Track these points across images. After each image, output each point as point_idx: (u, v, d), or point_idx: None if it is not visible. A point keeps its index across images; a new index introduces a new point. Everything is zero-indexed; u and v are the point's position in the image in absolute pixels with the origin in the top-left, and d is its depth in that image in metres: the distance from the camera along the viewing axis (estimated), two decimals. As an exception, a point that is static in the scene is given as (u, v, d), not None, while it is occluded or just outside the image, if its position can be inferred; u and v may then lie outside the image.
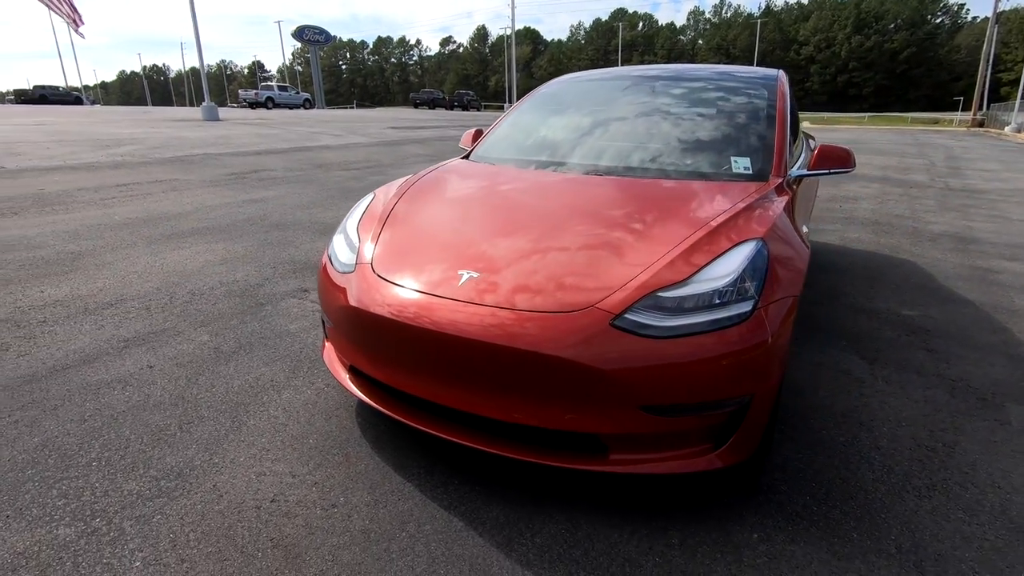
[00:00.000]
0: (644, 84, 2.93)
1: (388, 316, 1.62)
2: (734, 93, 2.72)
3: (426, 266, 1.78)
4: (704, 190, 2.11)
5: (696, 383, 1.47)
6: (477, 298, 1.60)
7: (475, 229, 1.99)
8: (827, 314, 3.29)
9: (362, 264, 1.84)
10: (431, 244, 1.90)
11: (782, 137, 2.38)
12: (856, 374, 2.57)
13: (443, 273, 1.71)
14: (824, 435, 2.10)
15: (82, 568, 1.46)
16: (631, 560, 1.51)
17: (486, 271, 1.70)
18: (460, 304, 1.58)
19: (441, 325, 1.55)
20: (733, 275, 1.55)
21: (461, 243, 1.89)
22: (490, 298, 1.59)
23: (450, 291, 1.63)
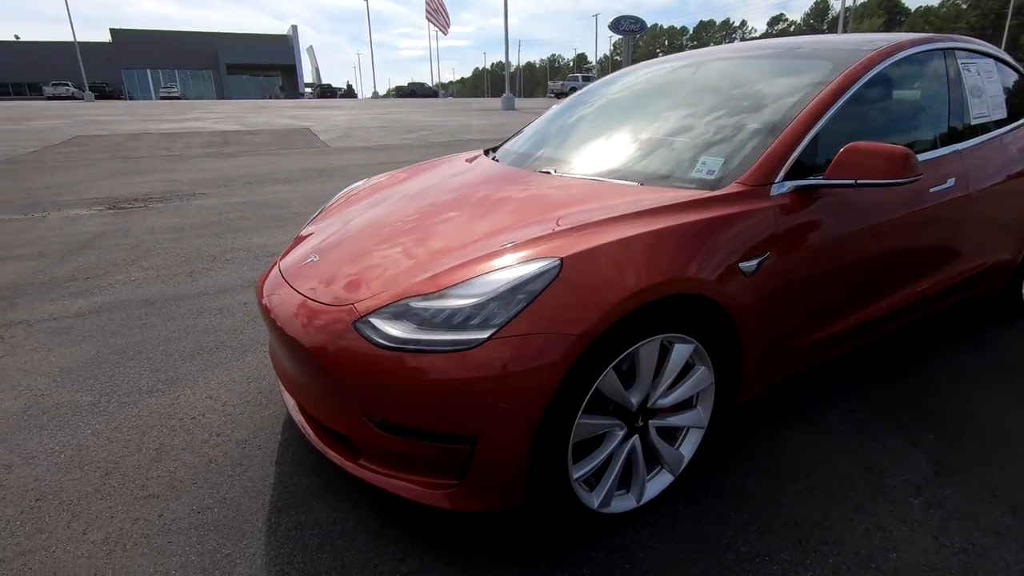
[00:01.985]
0: (686, 70, 2.42)
1: (257, 294, 1.84)
2: (788, 74, 2.07)
3: (300, 250, 1.91)
4: (614, 194, 1.75)
5: (414, 406, 1.32)
6: (296, 282, 1.69)
7: (363, 217, 2.00)
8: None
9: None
10: (326, 230, 2.02)
11: (792, 133, 1.74)
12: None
13: (302, 257, 1.84)
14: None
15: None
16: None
17: (324, 257, 1.75)
18: (285, 286, 1.71)
19: (270, 305, 1.70)
20: (484, 297, 1.31)
21: (340, 229, 1.93)
22: (303, 283, 1.65)
23: (289, 274, 1.75)
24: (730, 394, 1.68)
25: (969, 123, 2.30)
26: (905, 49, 2.12)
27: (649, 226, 1.50)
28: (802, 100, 1.85)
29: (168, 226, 4.99)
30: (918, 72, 2.24)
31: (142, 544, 1.52)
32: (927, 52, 2.23)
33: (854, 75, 1.91)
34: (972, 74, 2.34)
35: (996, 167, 2.37)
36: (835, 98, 1.84)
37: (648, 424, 1.54)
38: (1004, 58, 2.63)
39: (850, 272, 1.89)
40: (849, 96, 1.87)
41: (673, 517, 1.60)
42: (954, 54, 2.30)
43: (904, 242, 2.03)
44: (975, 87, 2.33)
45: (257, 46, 62.92)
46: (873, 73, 1.96)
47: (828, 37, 2.47)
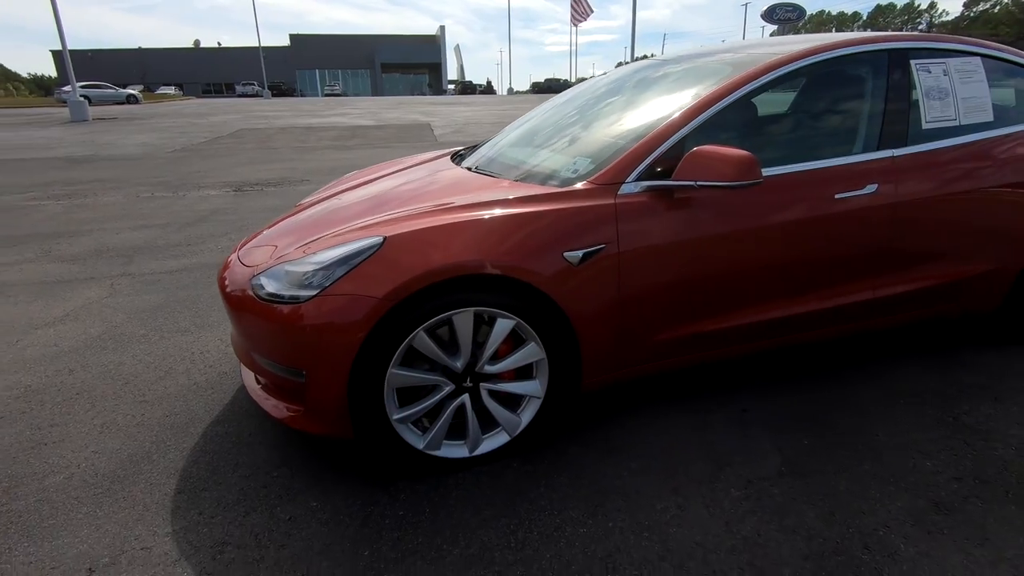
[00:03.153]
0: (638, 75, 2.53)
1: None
2: (694, 83, 2.13)
3: (262, 231, 2.33)
4: (487, 187, 2.02)
5: (273, 344, 1.71)
6: (241, 251, 2.13)
7: (316, 207, 2.33)
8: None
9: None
10: (288, 217, 2.41)
11: (653, 137, 1.85)
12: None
13: (256, 234, 2.29)
14: None
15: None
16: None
17: (268, 235, 2.13)
18: (235, 253, 2.17)
19: (225, 266, 2.14)
20: (322, 264, 1.65)
21: (294, 216, 2.28)
22: (245, 253, 2.12)
23: (243, 246, 2.17)
24: (572, 373, 1.86)
25: (921, 127, 2.16)
26: (822, 53, 2.07)
27: (481, 213, 1.75)
28: (678, 108, 1.95)
29: (268, 207, 5.94)
30: (841, 75, 2.16)
31: (122, 432, 2.11)
32: (860, 54, 2.14)
33: (735, 84, 1.97)
34: (933, 76, 2.17)
35: (960, 173, 2.19)
36: (706, 106, 1.91)
37: (479, 386, 1.80)
38: (1005, 57, 2.37)
39: (724, 273, 1.94)
40: (727, 104, 1.93)
41: (501, 470, 1.84)
42: (906, 55, 2.16)
43: (801, 248, 2.01)
44: (935, 89, 2.17)
45: (408, 46, 67.97)
46: (765, 80, 1.98)
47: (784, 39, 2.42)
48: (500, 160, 2.41)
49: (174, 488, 1.80)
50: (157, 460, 1.94)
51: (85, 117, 18.49)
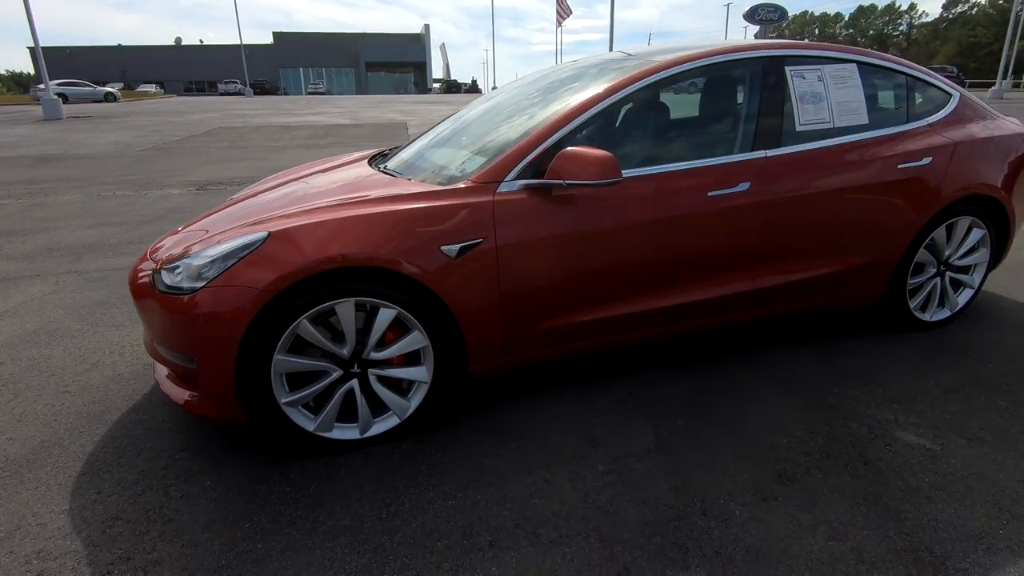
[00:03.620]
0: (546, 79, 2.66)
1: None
2: (582, 87, 2.27)
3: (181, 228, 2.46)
4: (385, 185, 2.14)
5: (168, 333, 1.83)
6: (150, 249, 2.23)
7: (236, 205, 2.39)
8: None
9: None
10: (212, 214, 2.52)
11: (533, 139, 2.00)
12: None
13: (171, 232, 2.39)
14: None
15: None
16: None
17: (182, 233, 2.19)
18: (147, 249, 2.28)
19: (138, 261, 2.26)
20: (212, 258, 1.77)
21: (213, 213, 2.35)
22: (154, 250, 2.20)
23: (156, 243, 2.27)
24: (458, 360, 1.99)
25: (795, 129, 2.32)
26: (696, 60, 2.23)
27: (366, 210, 1.88)
28: (561, 111, 2.09)
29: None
30: (718, 81, 2.32)
31: (39, 420, 2.20)
32: (736, 61, 2.30)
33: (613, 89, 2.11)
34: (807, 81, 2.33)
35: (833, 171, 2.35)
36: (583, 110, 2.05)
37: (368, 372, 1.92)
38: (882, 64, 2.54)
39: (604, 266, 2.08)
40: (604, 107, 2.07)
41: (390, 450, 1.97)
42: (781, 62, 2.32)
43: (676, 241, 2.16)
44: (809, 94, 2.33)
45: (392, 45, 67.78)
46: (640, 85, 2.13)
47: (686, 46, 2.57)
48: (407, 160, 2.53)
49: (79, 471, 1.91)
50: (68, 446, 2.04)
51: (59, 115, 18.32)
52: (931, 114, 2.63)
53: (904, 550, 1.53)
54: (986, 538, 1.56)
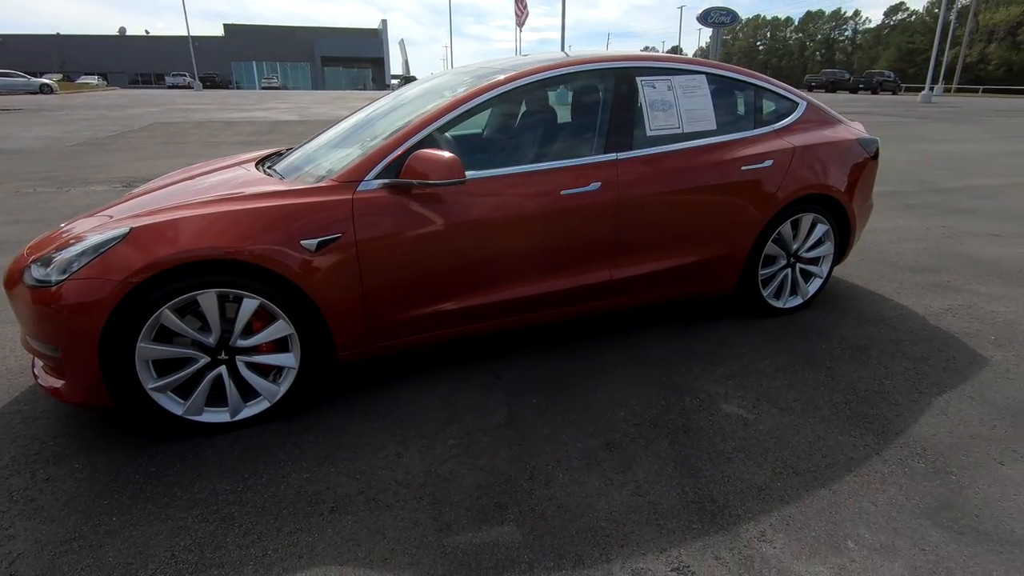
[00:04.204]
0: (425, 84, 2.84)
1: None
2: (450, 92, 2.45)
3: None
4: (260, 183, 2.29)
5: (36, 325, 1.92)
6: (29, 244, 2.30)
7: (129, 201, 2.49)
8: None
9: None
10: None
11: (392, 141, 2.16)
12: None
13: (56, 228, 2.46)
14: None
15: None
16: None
17: (67, 227, 2.29)
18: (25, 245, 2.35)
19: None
20: (78, 251, 1.87)
21: (106, 208, 2.43)
22: (31, 244, 2.28)
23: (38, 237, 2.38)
24: (325, 346, 2.14)
25: (646, 134, 2.56)
26: (554, 70, 2.45)
27: (233, 207, 2.01)
28: (422, 115, 2.26)
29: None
30: (574, 89, 2.54)
31: (-83, 411, 2.24)
32: (591, 72, 2.53)
33: (474, 94, 2.30)
34: (657, 91, 2.58)
35: (680, 172, 2.60)
36: (442, 115, 2.24)
37: (235, 359, 2.05)
38: (733, 76, 2.82)
39: (463, 259, 2.27)
40: (462, 111, 2.26)
41: (260, 432, 2.11)
42: (632, 73, 2.56)
43: (532, 236, 2.36)
44: (659, 102, 2.58)
45: (349, 40, 66.70)
46: (493, 94, 2.33)
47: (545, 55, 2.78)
48: (292, 160, 2.66)
49: (-51, 458, 1.98)
50: (-58, 436, 2.10)
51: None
52: (777, 121, 2.92)
53: (692, 502, 1.76)
54: (765, 490, 1.81)
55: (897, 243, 4.46)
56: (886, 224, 5.02)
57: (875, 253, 4.21)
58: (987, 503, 1.76)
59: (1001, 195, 6.26)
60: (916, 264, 3.96)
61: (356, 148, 2.36)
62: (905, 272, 3.80)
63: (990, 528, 1.66)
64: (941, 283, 3.60)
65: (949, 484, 1.84)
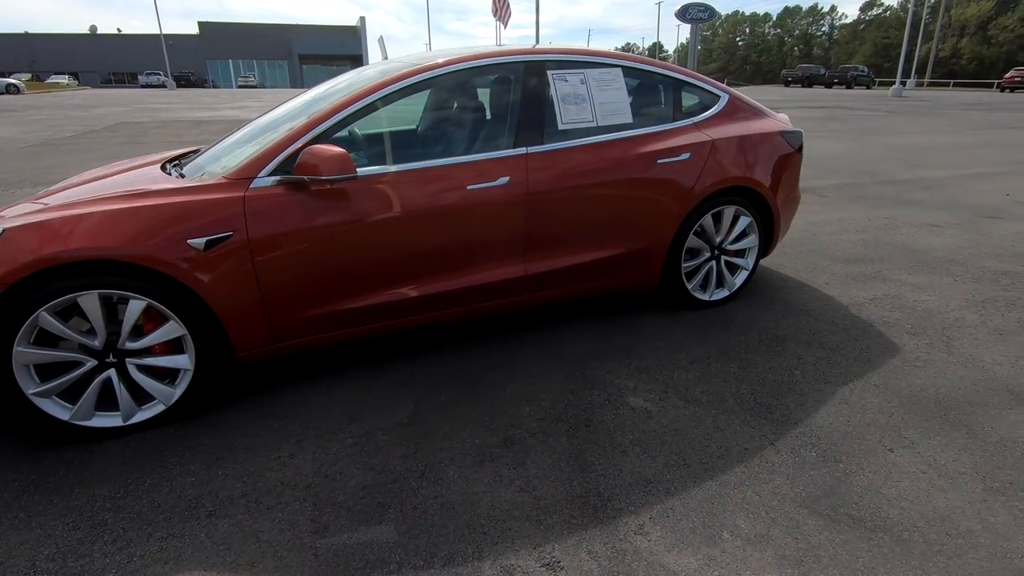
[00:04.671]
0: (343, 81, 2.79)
1: None
2: (355, 87, 2.41)
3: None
4: (152, 181, 2.27)
5: None
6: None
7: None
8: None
9: None
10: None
11: (284, 138, 2.13)
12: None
13: None
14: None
15: None
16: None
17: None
18: None
19: None
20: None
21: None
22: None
23: None
24: (223, 347, 2.10)
25: (558, 128, 2.54)
26: (461, 63, 2.43)
27: (120, 206, 1.96)
28: (321, 111, 2.23)
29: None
30: (483, 83, 2.52)
31: None
32: (499, 65, 2.51)
33: (373, 88, 2.26)
34: (570, 84, 2.57)
35: (595, 166, 2.59)
36: (337, 111, 2.20)
37: (125, 361, 2.01)
38: (651, 69, 2.82)
39: (365, 256, 2.23)
40: (358, 108, 2.23)
41: (155, 435, 2.06)
42: (543, 66, 2.54)
43: (438, 231, 2.33)
44: (572, 96, 2.56)
45: (327, 37, 66.01)
46: (393, 88, 2.29)
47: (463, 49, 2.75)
48: (198, 159, 2.60)
49: None
50: None
51: (-55, 109, 16.97)
52: (696, 114, 2.92)
53: (578, 496, 1.76)
54: (653, 483, 1.81)
55: (838, 234, 4.51)
56: (831, 216, 5.07)
57: (814, 244, 4.25)
58: (869, 490, 1.77)
59: (949, 186, 6.36)
60: (852, 255, 4.00)
61: (251, 145, 2.32)
62: (839, 263, 3.85)
63: (866, 515, 1.68)
64: (872, 273, 3.64)
65: (836, 472, 1.85)
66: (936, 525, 1.63)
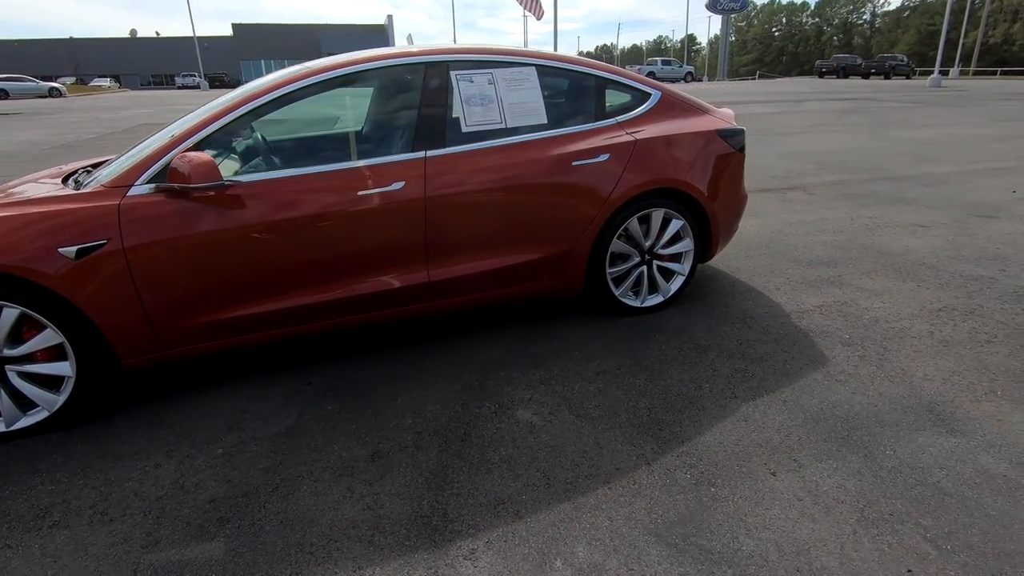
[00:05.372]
0: None
1: None
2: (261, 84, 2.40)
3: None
4: (33, 192, 2.30)
5: None
6: None
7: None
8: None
9: None
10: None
11: (164, 145, 2.13)
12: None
13: None
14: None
15: None
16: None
17: None
18: None
19: None
20: None
21: None
22: None
23: None
24: (106, 354, 2.11)
25: (461, 131, 2.47)
26: (355, 66, 2.37)
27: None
28: (203, 115, 2.21)
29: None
30: (381, 86, 2.47)
31: None
32: (396, 67, 2.45)
33: (259, 93, 2.24)
34: (476, 85, 2.48)
35: (505, 168, 2.51)
36: (220, 116, 2.18)
37: (4, 368, 2.03)
38: (570, 68, 2.71)
39: (250, 264, 2.21)
40: (244, 112, 2.20)
41: (36, 441, 2.09)
42: (446, 67, 2.47)
43: (327, 238, 2.29)
44: (477, 96, 2.48)
45: (355, 36, 66.74)
46: (284, 91, 2.28)
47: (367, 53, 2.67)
48: (103, 168, 2.59)
49: None
50: None
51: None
52: (622, 113, 2.80)
53: (422, 516, 1.69)
54: (506, 503, 1.74)
55: (811, 235, 4.29)
56: (811, 216, 4.84)
57: (781, 246, 4.06)
58: (731, 517, 1.66)
59: (952, 183, 6.01)
60: (817, 257, 3.80)
61: (140, 152, 2.31)
62: (801, 266, 3.66)
63: (717, 546, 1.56)
64: (830, 278, 3.45)
65: (704, 497, 1.74)
66: (789, 559, 1.52)
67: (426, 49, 2.52)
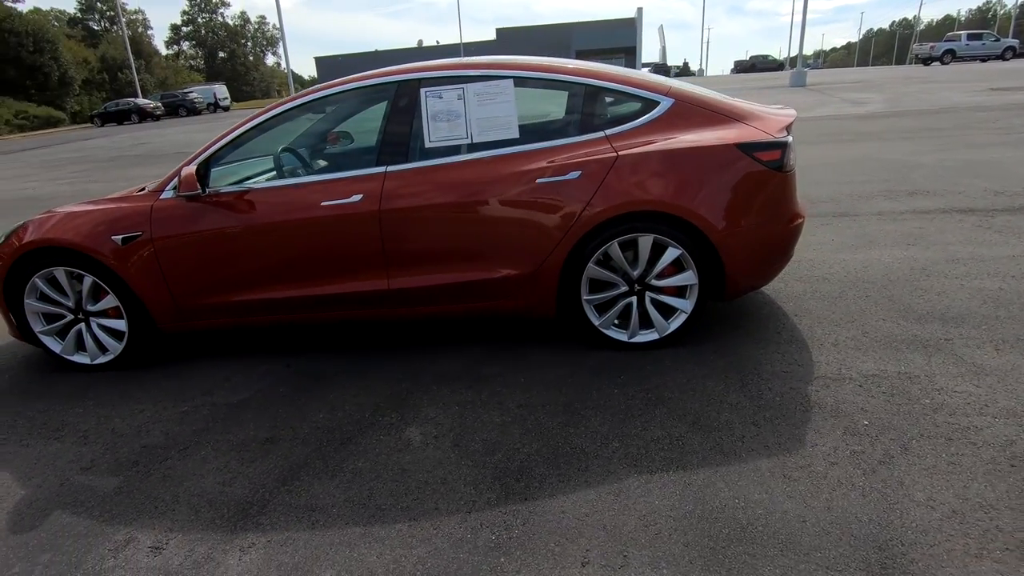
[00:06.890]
0: None
1: None
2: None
3: None
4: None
5: None
6: None
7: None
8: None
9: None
10: None
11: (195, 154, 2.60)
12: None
13: None
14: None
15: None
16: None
17: None
18: None
19: None
20: None
21: None
22: None
23: None
24: (146, 318, 2.75)
25: (424, 146, 2.49)
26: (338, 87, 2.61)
27: (89, 208, 2.73)
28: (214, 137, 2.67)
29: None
30: (356, 104, 2.61)
31: None
32: (371, 87, 2.58)
33: (252, 117, 2.59)
34: (444, 100, 2.46)
35: (466, 184, 2.48)
36: (224, 136, 2.61)
37: (90, 320, 2.80)
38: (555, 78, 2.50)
39: (243, 258, 2.63)
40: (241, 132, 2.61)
41: (99, 377, 2.82)
42: (417, 84, 2.49)
43: (299, 242, 2.58)
44: (444, 112, 2.46)
45: (603, 31, 67.69)
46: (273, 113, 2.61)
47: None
48: None
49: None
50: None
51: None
52: (615, 124, 2.48)
53: (245, 501, 1.87)
54: (315, 511, 1.81)
55: (965, 278, 3.14)
56: (995, 251, 3.52)
57: (905, 288, 3.07)
58: (489, 597, 1.45)
59: None
60: (941, 311, 2.79)
61: None
62: (905, 320, 2.74)
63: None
64: (932, 340, 2.52)
65: (482, 566, 1.56)
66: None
67: (405, 68, 2.63)
